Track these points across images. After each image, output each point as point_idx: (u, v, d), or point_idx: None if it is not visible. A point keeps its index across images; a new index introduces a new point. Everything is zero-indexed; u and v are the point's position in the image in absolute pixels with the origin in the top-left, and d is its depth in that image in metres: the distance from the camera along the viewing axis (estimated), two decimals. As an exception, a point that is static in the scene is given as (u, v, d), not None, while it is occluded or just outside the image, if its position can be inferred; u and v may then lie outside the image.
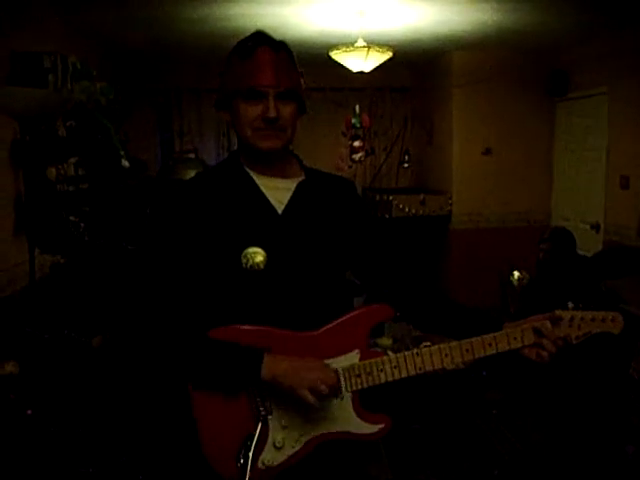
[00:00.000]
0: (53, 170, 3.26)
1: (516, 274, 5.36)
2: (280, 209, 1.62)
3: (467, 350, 1.59)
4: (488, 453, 3.85)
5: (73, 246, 3.30)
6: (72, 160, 3.53)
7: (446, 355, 1.58)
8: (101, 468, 2.98)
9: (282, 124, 1.56)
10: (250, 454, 1.38)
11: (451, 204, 6.47)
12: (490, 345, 1.60)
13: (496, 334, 1.61)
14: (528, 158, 6.54)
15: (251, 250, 1.55)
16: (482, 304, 5.78)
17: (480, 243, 6.42)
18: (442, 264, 6.70)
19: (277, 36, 1.63)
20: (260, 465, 1.51)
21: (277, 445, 1.53)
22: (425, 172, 7.28)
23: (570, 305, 1.65)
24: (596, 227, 5.80)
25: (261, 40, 1.58)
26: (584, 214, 6.02)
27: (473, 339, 1.59)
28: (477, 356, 1.59)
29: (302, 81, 1.64)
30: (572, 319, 1.63)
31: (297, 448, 1.55)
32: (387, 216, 6.30)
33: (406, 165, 7.32)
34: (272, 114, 1.52)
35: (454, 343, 1.59)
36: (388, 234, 1.84)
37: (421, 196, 6.41)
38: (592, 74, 5.75)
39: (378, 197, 6.64)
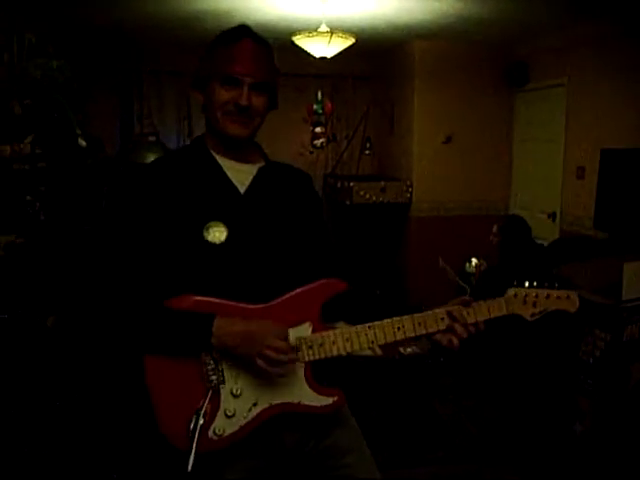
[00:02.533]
0: (7, 148, 3.20)
1: (474, 261, 5.45)
2: (242, 189, 1.69)
3: (419, 324, 1.63)
4: (441, 434, 3.92)
5: (28, 226, 3.26)
6: (28, 140, 3.47)
7: (398, 329, 1.62)
8: (55, 446, 2.97)
9: (252, 113, 1.64)
10: (199, 422, 1.39)
11: (411, 192, 6.51)
12: (442, 319, 1.64)
13: (431, 312, 1.65)
14: (488, 147, 6.61)
15: (213, 223, 1.60)
16: (440, 291, 5.88)
17: (439, 231, 6.48)
18: (402, 251, 6.75)
19: (240, 19, 1.71)
20: (211, 434, 1.53)
21: (228, 414, 1.55)
22: (386, 160, 7.32)
23: (526, 284, 1.67)
24: (553, 216, 5.91)
25: (244, 32, 1.66)
26: (542, 203, 6.12)
27: (426, 312, 1.64)
28: (429, 330, 1.63)
29: (277, 80, 1.71)
30: (526, 296, 1.65)
31: (249, 418, 1.57)
32: (348, 202, 6.33)
33: (367, 152, 7.35)
34: (244, 102, 1.61)
35: (406, 316, 1.63)
36: (345, 228, 1.90)
37: (382, 183, 6.45)
38: (551, 65, 5.84)
39: (339, 184, 6.66)
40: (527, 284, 1.68)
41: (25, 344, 3.02)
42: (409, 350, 4.14)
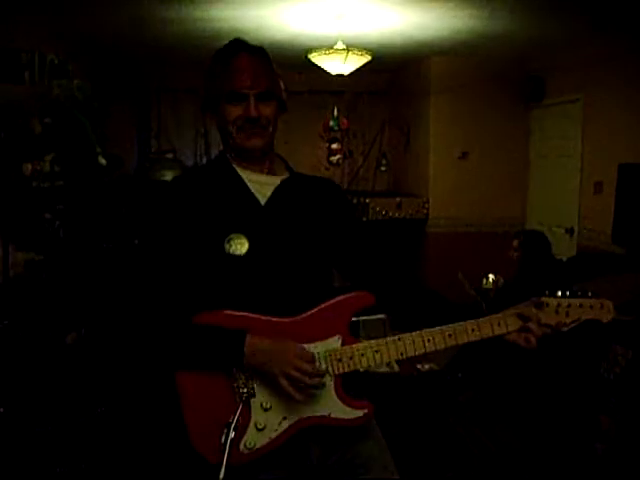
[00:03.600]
0: (29, 166, 3.23)
1: (491, 276, 5.41)
2: (263, 201, 1.69)
3: (450, 335, 1.61)
4: (461, 453, 3.88)
5: (48, 243, 3.28)
6: (48, 157, 3.50)
7: (428, 340, 1.61)
8: (75, 465, 2.97)
9: (263, 123, 1.65)
10: (230, 435, 1.39)
11: (427, 208, 6.50)
12: (473, 330, 1.62)
13: (479, 320, 1.63)
14: (504, 163, 6.60)
15: (234, 235, 1.61)
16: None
17: (456, 247, 6.46)
18: (418, 267, 6.73)
19: (255, 38, 1.71)
20: (242, 448, 1.53)
21: (259, 427, 1.55)
22: (402, 175, 7.32)
23: (558, 293, 1.64)
24: (570, 232, 5.87)
25: (239, 47, 1.68)
26: (558, 219, 6.09)
27: (456, 324, 1.62)
28: (460, 342, 1.61)
29: (281, 82, 1.73)
30: (558, 306, 1.63)
31: (279, 431, 1.57)
32: (364, 219, 6.32)
33: (383, 168, 7.36)
34: (253, 114, 1.62)
35: (436, 328, 1.61)
36: (371, 234, 1.89)
37: (398, 199, 6.45)
38: (567, 80, 5.83)
39: (355, 200, 6.66)
40: (559, 293, 1.64)
41: (44, 361, 3.04)
42: (427, 367, 4.11)
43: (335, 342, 1.60)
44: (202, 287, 1.61)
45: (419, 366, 4.08)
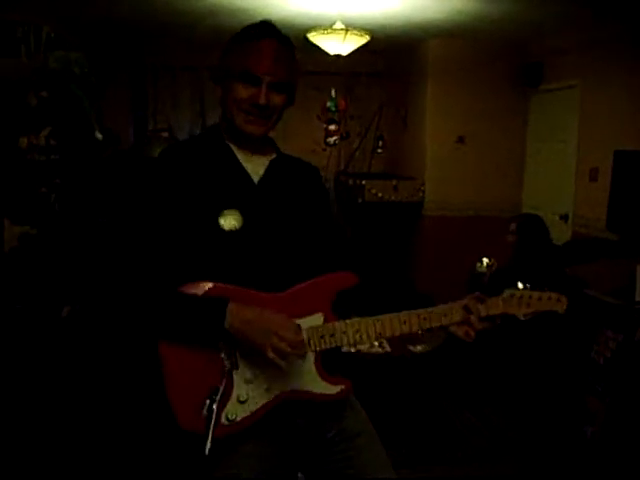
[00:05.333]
0: (25, 140, 3.22)
1: (485, 260, 5.43)
2: (256, 179, 1.72)
3: (424, 319, 1.69)
4: (451, 435, 3.92)
5: (43, 217, 3.28)
6: (44, 132, 3.49)
7: (404, 322, 1.67)
8: (70, 435, 2.99)
9: (269, 112, 1.66)
10: (214, 407, 1.41)
11: (423, 191, 6.51)
12: (445, 315, 1.70)
13: (443, 307, 1.71)
14: (500, 148, 6.59)
15: (228, 212, 1.63)
16: (452, 290, 5.87)
17: (451, 230, 6.47)
18: (413, 250, 6.75)
19: (254, 16, 1.70)
20: (224, 420, 1.55)
21: (241, 399, 1.58)
22: (399, 158, 7.32)
23: (520, 285, 1.75)
24: (565, 218, 5.89)
25: (269, 30, 1.68)
26: (554, 205, 6.09)
27: (432, 308, 1.70)
28: (433, 325, 1.69)
29: (297, 78, 1.76)
30: (521, 297, 1.73)
31: (260, 404, 1.59)
32: (360, 200, 6.32)
33: (380, 151, 7.34)
34: (262, 101, 1.63)
35: (412, 311, 1.69)
36: (339, 230, 1.95)
37: (394, 182, 6.44)
38: (566, 66, 5.82)
39: (351, 181, 6.66)
40: (521, 285, 1.76)
41: (39, 334, 3.05)
42: (419, 348, 4.13)
43: (317, 319, 1.64)
44: (193, 260, 1.61)
45: (411, 347, 4.10)
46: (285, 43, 1.68)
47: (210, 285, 1.59)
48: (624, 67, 4.98)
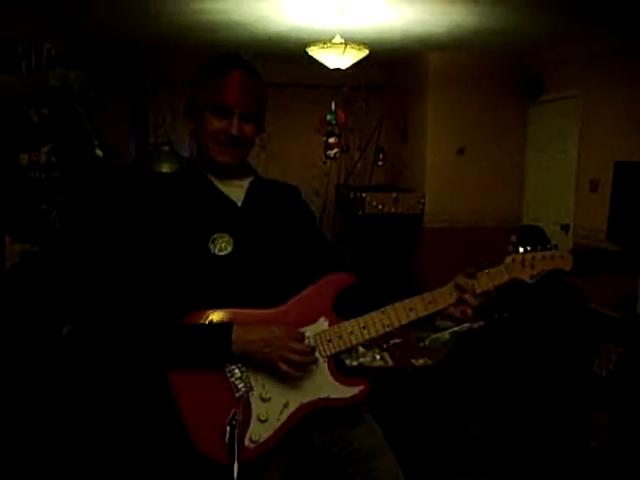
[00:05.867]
0: (25, 157, 3.23)
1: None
2: (239, 203, 1.75)
3: (430, 302, 1.68)
4: (455, 448, 3.90)
5: (44, 234, 3.28)
6: (45, 149, 3.49)
7: (410, 309, 1.67)
8: (71, 458, 2.97)
9: (242, 141, 1.70)
10: (235, 432, 1.41)
11: (424, 203, 6.51)
12: (430, 303, 1.69)
13: (432, 292, 1.70)
14: (501, 159, 6.61)
15: (218, 235, 1.65)
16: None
17: (452, 242, 6.48)
18: (414, 262, 6.75)
19: (254, 30, 1.71)
20: (247, 443, 1.55)
21: (261, 418, 1.57)
22: (399, 171, 7.33)
23: (521, 249, 1.73)
24: (566, 228, 5.89)
25: (237, 62, 1.70)
26: (554, 216, 6.10)
27: (433, 291, 1.70)
28: (440, 307, 1.68)
29: (265, 106, 1.77)
30: (524, 260, 1.71)
31: (282, 420, 1.59)
32: (360, 213, 6.33)
33: (380, 163, 7.36)
34: (235, 132, 1.67)
35: (416, 296, 1.69)
36: (328, 244, 1.96)
37: (394, 194, 6.46)
38: (566, 77, 5.84)
39: (352, 194, 6.67)
40: (522, 249, 1.73)
41: (39, 352, 3.04)
42: (421, 362, 4.12)
43: (322, 324, 1.65)
44: (188, 288, 1.62)
45: (413, 361, 4.09)
46: (252, 74, 1.71)
47: (212, 313, 1.59)
48: (624, 78, 5.00)
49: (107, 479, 3.08)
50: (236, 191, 1.76)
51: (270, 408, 1.58)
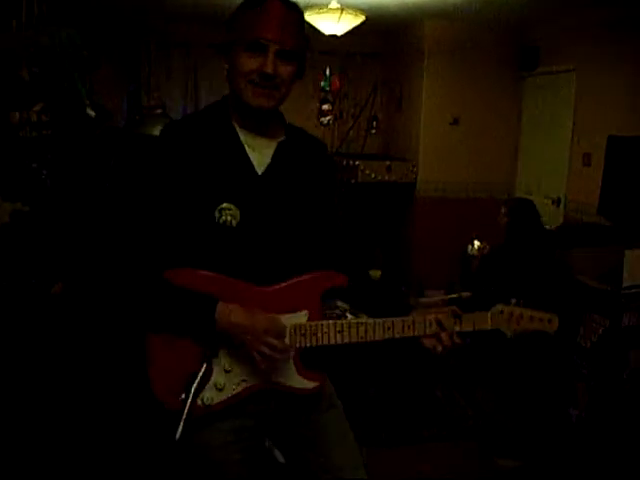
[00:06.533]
0: (16, 115, 3.20)
1: (476, 243, 5.46)
2: (260, 170, 1.64)
3: (408, 327, 1.66)
4: (438, 415, 3.96)
5: (34, 193, 3.26)
6: (37, 108, 3.46)
7: (388, 328, 1.65)
8: (59, 415, 3.00)
9: (277, 82, 1.56)
10: (192, 390, 1.44)
11: (417, 172, 6.51)
12: (430, 325, 1.67)
13: (413, 317, 1.68)
14: (495, 131, 6.59)
15: (226, 206, 1.57)
16: (444, 272, 5.90)
17: (444, 212, 6.49)
18: (406, 231, 6.76)
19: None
20: (200, 403, 1.57)
21: (218, 387, 1.60)
22: (393, 139, 7.30)
23: (512, 301, 1.74)
24: (557, 202, 5.90)
25: None
26: (547, 189, 6.11)
27: (414, 317, 1.68)
28: (415, 333, 1.67)
29: (306, 49, 1.64)
30: (512, 314, 1.70)
31: (236, 391, 1.62)
32: (353, 181, 6.32)
33: (374, 131, 7.33)
34: (269, 69, 1.52)
35: (398, 318, 1.67)
36: (345, 222, 1.95)
37: (387, 162, 6.44)
38: (561, 50, 5.80)
39: (345, 162, 6.65)
40: (514, 301, 1.73)
41: (31, 311, 3.05)
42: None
43: (302, 317, 1.64)
44: (186, 249, 1.60)
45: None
46: (293, 8, 1.57)
47: (196, 274, 1.58)
48: (620, 52, 4.97)
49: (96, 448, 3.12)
50: (261, 155, 1.64)
51: (228, 379, 1.61)
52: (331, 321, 1.65)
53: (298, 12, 1.59)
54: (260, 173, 1.63)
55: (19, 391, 2.98)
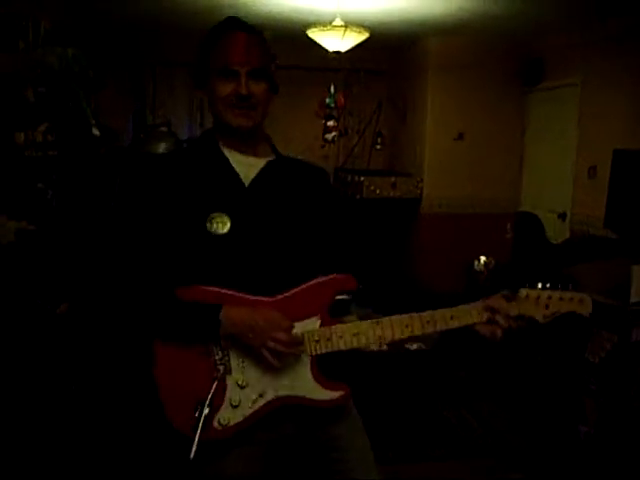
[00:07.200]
0: (21, 135, 3.22)
1: (482, 258, 5.45)
2: (247, 182, 1.70)
3: (428, 322, 1.63)
4: (447, 433, 3.93)
5: (40, 213, 3.28)
6: (42, 128, 3.48)
7: (407, 326, 1.63)
8: (67, 432, 2.99)
9: (254, 102, 1.65)
10: (204, 411, 1.42)
11: (422, 188, 6.51)
12: (452, 318, 1.64)
13: (453, 309, 1.65)
14: (499, 145, 6.59)
15: (216, 214, 1.62)
16: (449, 288, 5.88)
17: (449, 228, 6.48)
18: (411, 247, 6.75)
19: (253, 12, 1.69)
20: (216, 424, 1.55)
21: (233, 404, 1.57)
22: (397, 155, 7.31)
23: (539, 285, 1.66)
24: (563, 216, 5.89)
25: (234, 24, 1.67)
26: (552, 203, 6.09)
27: (435, 311, 1.64)
28: (438, 328, 1.63)
29: (273, 65, 1.71)
30: (538, 298, 1.63)
31: (254, 408, 1.58)
32: (358, 197, 6.33)
33: (379, 147, 7.34)
34: (244, 91, 1.62)
35: (415, 314, 1.63)
36: (361, 229, 1.91)
37: (392, 178, 6.45)
38: (566, 64, 5.81)
39: (350, 178, 6.66)
40: (540, 285, 1.65)
41: (36, 331, 3.05)
42: (415, 346, 4.14)
43: (313, 323, 1.62)
44: (183, 264, 1.62)
45: (408, 345, 4.11)
46: (252, 32, 1.67)
47: (204, 289, 1.59)
48: (625, 66, 4.98)
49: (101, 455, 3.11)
50: (248, 169, 1.71)
51: (244, 395, 1.58)
52: (345, 325, 1.62)
53: (258, 34, 1.69)
54: (247, 185, 1.69)
55: (27, 413, 2.98)
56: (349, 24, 4.68)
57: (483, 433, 3.91)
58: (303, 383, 1.61)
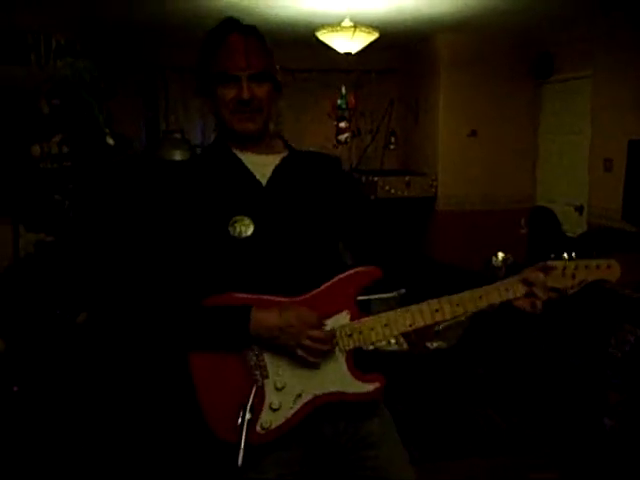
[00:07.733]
0: (37, 148, 3.25)
1: (500, 255, 5.40)
2: (264, 181, 1.68)
3: (457, 304, 1.59)
4: (472, 431, 3.91)
5: (58, 224, 3.30)
6: (56, 139, 3.50)
7: (437, 310, 1.60)
8: (88, 445, 3.01)
9: (257, 105, 1.62)
10: (247, 417, 1.41)
11: (436, 186, 6.49)
12: (480, 298, 1.60)
13: (486, 287, 1.61)
14: (513, 140, 6.56)
15: (238, 218, 1.60)
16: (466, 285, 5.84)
17: (465, 225, 6.45)
18: (427, 246, 6.73)
19: (263, 15, 1.67)
20: (259, 429, 1.54)
21: (273, 407, 1.56)
22: (411, 154, 7.30)
23: (564, 256, 1.62)
24: (580, 209, 5.85)
25: (230, 26, 1.65)
26: (568, 196, 6.06)
27: (463, 293, 1.60)
28: (469, 310, 1.60)
29: (275, 63, 1.69)
30: (565, 269, 1.59)
31: (294, 409, 1.58)
32: (372, 197, 6.32)
33: (392, 147, 7.33)
34: (245, 96, 1.59)
35: (444, 298, 1.60)
36: (378, 209, 1.88)
37: (406, 178, 6.43)
38: (577, 57, 5.77)
39: (364, 178, 6.65)
40: (565, 255, 1.60)
41: (56, 341, 3.07)
42: (435, 345, 4.13)
43: (344, 318, 1.60)
44: (208, 270, 1.60)
45: (428, 344, 4.09)
46: (250, 33, 1.64)
47: (234, 296, 1.58)
48: (636, 57, 4.94)
49: (121, 463, 3.12)
50: (263, 168, 1.68)
51: (283, 397, 1.57)
52: (374, 316, 1.60)
53: (256, 35, 1.66)
54: (264, 184, 1.67)
55: (48, 421, 2.99)
56: (358, 25, 4.67)
57: (507, 428, 3.89)
58: (340, 378, 1.60)
